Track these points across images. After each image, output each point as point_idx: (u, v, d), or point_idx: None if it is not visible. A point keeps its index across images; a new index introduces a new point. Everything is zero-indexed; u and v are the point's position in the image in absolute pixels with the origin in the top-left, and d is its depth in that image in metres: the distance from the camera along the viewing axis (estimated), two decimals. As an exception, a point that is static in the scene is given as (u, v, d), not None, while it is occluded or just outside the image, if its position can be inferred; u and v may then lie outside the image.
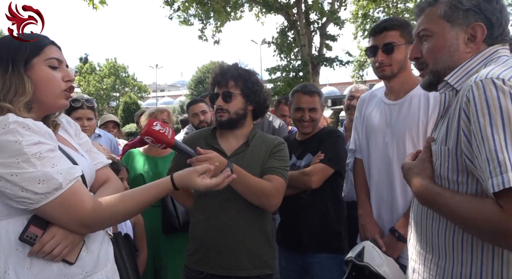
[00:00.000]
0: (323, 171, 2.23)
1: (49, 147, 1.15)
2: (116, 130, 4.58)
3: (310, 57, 13.31)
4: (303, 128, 2.40)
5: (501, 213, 0.88)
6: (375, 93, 2.24)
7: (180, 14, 13.75)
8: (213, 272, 1.85)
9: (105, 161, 1.50)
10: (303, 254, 2.30)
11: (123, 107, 30.14)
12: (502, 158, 0.88)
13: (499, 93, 0.93)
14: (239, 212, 1.86)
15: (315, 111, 2.38)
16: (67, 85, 1.29)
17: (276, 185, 1.85)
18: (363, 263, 1.72)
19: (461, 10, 1.15)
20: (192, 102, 3.69)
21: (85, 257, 1.24)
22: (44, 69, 1.24)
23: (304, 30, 13.23)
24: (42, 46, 1.25)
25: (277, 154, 1.93)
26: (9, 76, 1.18)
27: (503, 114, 0.91)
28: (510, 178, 0.86)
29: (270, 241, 1.96)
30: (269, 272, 1.91)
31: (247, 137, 1.97)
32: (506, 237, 0.88)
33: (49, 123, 1.33)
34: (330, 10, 13.28)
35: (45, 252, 1.14)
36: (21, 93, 1.18)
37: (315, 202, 2.28)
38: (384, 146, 2.01)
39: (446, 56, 1.18)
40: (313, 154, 2.32)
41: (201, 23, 13.99)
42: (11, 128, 1.08)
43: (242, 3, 13.56)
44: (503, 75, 0.96)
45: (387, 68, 2.00)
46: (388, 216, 2.00)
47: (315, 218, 2.27)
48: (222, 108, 1.92)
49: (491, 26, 1.14)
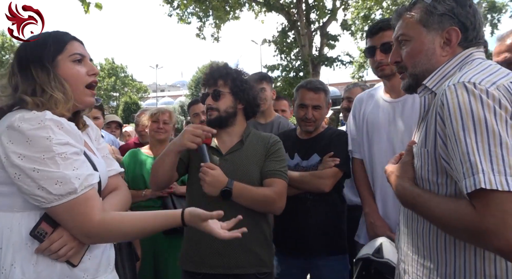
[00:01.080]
0: (337, 175, 2.21)
1: (75, 150, 1.17)
2: (119, 131, 4.57)
3: (310, 57, 13.32)
4: (306, 127, 2.33)
5: (474, 213, 0.91)
6: (372, 93, 2.23)
7: (179, 12, 13.76)
8: (211, 271, 1.85)
9: (118, 169, 1.51)
10: (310, 257, 2.25)
11: (123, 107, 30.17)
12: (473, 160, 0.92)
13: (470, 97, 0.97)
14: (234, 211, 1.85)
15: (320, 109, 2.29)
16: (91, 79, 1.31)
17: (279, 188, 1.86)
18: (384, 260, 1.68)
19: (436, 15, 1.19)
20: (193, 102, 3.69)
21: (87, 260, 1.24)
22: (69, 65, 1.26)
23: (305, 30, 13.25)
24: (64, 43, 1.27)
25: (275, 155, 1.94)
26: (53, 76, 1.21)
27: (474, 117, 0.95)
28: (481, 179, 0.90)
29: (267, 240, 1.96)
30: (266, 271, 1.91)
31: (241, 136, 1.99)
32: (479, 236, 0.91)
33: (79, 122, 1.38)
34: (332, 9, 13.28)
35: (52, 250, 1.15)
36: (59, 91, 1.21)
37: (322, 202, 2.24)
38: (389, 143, 2.02)
39: (424, 60, 1.22)
40: (320, 155, 2.27)
41: (199, 21, 13.98)
42: (46, 124, 1.11)
43: (243, 3, 13.55)
44: (474, 79, 1.01)
45: (386, 67, 2.02)
46: (394, 214, 1.99)
47: (323, 220, 2.23)
48: (211, 107, 1.94)
49: (466, 30, 1.18)
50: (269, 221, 2.01)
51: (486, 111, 0.95)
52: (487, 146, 0.92)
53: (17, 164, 1.08)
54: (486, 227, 0.88)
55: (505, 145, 0.91)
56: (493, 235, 0.88)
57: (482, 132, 0.93)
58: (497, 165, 0.90)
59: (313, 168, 2.27)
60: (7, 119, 1.14)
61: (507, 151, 0.91)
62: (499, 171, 0.89)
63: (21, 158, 1.08)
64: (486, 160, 0.91)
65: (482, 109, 0.95)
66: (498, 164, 0.90)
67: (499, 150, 0.91)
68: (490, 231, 0.88)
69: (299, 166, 2.32)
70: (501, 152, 0.91)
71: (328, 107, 2.39)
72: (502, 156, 0.91)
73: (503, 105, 0.96)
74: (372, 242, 1.83)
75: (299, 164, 2.33)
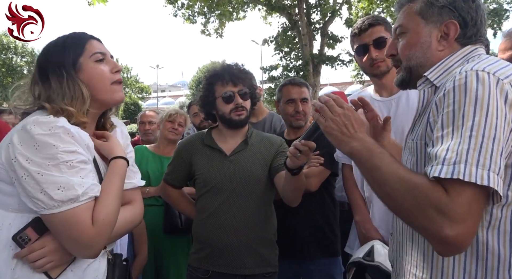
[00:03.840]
0: (322, 174, 2.18)
1: (83, 158, 1.15)
2: None
3: (311, 57, 13.33)
4: (297, 121, 2.30)
5: (444, 196, 0.88)
6: (362, 94, 2.14)
7: (185, 11, 13.76)
8: (219, 270, 1.85)
9: (138, 183, 1.46)
10: (301, 260, 2.21)
11: (123, 107, 30.15)
12: (460, 149, 0.89)
13: (479, 85, 0.93)
14: (240, 211, 1.86)
15: (307, 102, 2.31)
16: (116, 76, 1.29)
17: None
18: (375, 263, 1.62)
19: (436, 7, 1.13)
20: (194, 102, 3.69)
21: (69, 272, 1.18)
22: (92, 65, 1.25)
23: (305, 30, 13.25)
24: (83, 43, 1.26)
25: (284, 152, 1.96)
26: (65, 83, 1.20)
27: (477, 105, 0.91)
28: (460, 170, 0.87)
29: (272, 240, 1.96)
30: (271, 270, 1.92)
31: (245, 136, 1.99)
32: (436, 218, 0.88)
33: (106, 123, 1.38)
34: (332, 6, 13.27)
35: (29, 259, 1.12)
36: (79, 98, 1.21)
37: (311, 204, 2.19)
38: None
39: (418, 53, 1.16)
40: None
41: (204, 18, 13.99)
42: (55, 132, 1.10)
43: (247, 3, 13.56)
44: (489, 68, 0.96)
45: (382, 63, 1.94)
46: (388, 221, 1.94)
47: (312, 221, 2.19)
48: (242, 106, 1.93)
49: (465, 25, 1.12)
50: (274, 222, 2.01)
51: (491, 103, 0.91)
52: (481, 137, 0.89)
53: (24, 166, 1.07)
54: (448, 212, 0.87)
55: (497, 141, 0.90)
56: (448, 222, 0.86)
57: (481, 122, 0.90)
58: (484, 158, 0.88)
59: None
60: (26, 119, 1.15)
61: (498, 147, 0.89)
62: (483, 165, 0.88)
63: (28, 161, 1.08)
64: (475, 150, 0.88)
65: (488, 99, 0.91)
66: (485, 157, 0.88)
67: (490, 144, 0.89)
68: (449, 218, 0.87)
69: None
70: (492, 146, 0.89)
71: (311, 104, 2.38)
72: (492, 151, 0.88)
73: (509, 100, 0.92)
74: (365, 245, 1.79)
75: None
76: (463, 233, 0.87)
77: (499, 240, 0.97)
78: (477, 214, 0.90)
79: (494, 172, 0.88)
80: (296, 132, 2.36)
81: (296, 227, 2.20)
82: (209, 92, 1.98)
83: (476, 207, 0.89)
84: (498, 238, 0.97)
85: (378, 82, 2.04)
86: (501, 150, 0.90)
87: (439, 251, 0.95)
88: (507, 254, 0.96)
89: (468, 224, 0.87)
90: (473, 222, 0.89)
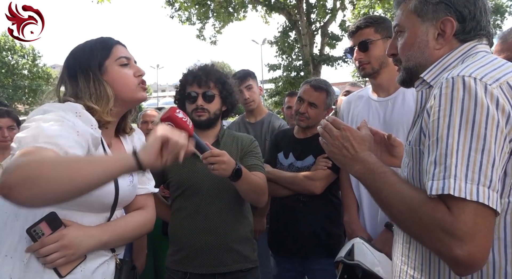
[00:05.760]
0: (329, 177, 2.16)
1: (75, 128, 1.11)
2: None
3: (311, 57, 13.33)
4: (298, 121, 2.29)
5: (448, 214, 0.86)
6: (361, 94, 2.17)
7: (181, 13, 13.78)
8: (196, 271, 1.85)
9: (151, 189, 1.48)
10: (304, 260, 2.21)
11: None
12: (449, 163, 0.86)
13: (465, 95, 0.89)
14: (214, 211, 1.87)
15: (315, 107, 2.25)
16: (139, 79, 1.34)
17: (265, 181, 1.92)
18: (354, 262, 1.61)
19: (431, 4, 1.09)
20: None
21: (79, 272, 1.18)
22: (117, 69, 1.30)
23: (306, 30, 13.25)
24: (110, 48, 1.32)
25: (254, 152, 1.98)
26: (92, 83, 1.25)
27: (463, 118, 0.88)
28: (450, 185, 0.85)
29: (249, 237, 1.96)
30: (251, 266, 1.92)
31: (216, 136, 2.00)
32: (444, 238, 0.85)
33: (126, 126, 1.43)
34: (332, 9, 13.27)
35: (41, 254, 1.11)
36: (104, 97, 1.26)
37: (315, 204, 2.19)
38: None
39: (417, 53, 1.12)
40: (315, 156, 2.22)
41: (200, 23, 14.03)
42: (65, 107, 1.14)
43: (246, 4, 13.56)
44: (476, 73, 0.92)
45: (366, 66, 1.97)
46: (387, 219, 1.94)
47: (316, 221, 2.18)
48: (203, 108, 1.93)
49: (463, 20, 1.07)
50: (250, 219, 2.01)
51: (478, 112, 0.87)
52: (467, 151, 0.86)
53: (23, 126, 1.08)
54: (454, 232, 0.84)
55: (487, 152, 0.86)
56: (457, 242, 0.83)
57: (467, 135, 0.87)
58: (472, 173, 0.85)
59: (307, 169, 2.23)
60: None
61: (488, 159, 0.85)
62: (472, 179, 0.84)
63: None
64: (462, 165, 0.85)
65: (474, 110, 0.87)
66: (474, 171, 0.85)
67: (479, 156, 0.85)
68: (456, 238, 0.83)
69: (293, 166, 2.28)
70: (481, 159, 0.85)
71: (329, 111, 2.34)
72: (481, 164, 0.85)
73: (500, 106, 0.88)
74: (347, 244, 1.79)
75: (293, 164, 2.28)
76: (475, 251, 0.83)
77: (494, 247, 0.94)
78: (486, 229, 0.85)
79: (485, 185, 0.84)
80: (305, 132, 2.33)
81: (299, 226, 2.19)
82: (181, 90, 2.03)
83: (483, 222, 0.85)
84: (492, 245, 0.93)
85: (374, 82, 2.06)
86: (492, 162, 0.86)
87: (455, 271, 0.91)
88: (503, 262, 0.93)
89: (478, 241, 0.84)
90: (484, 238, 0.85)
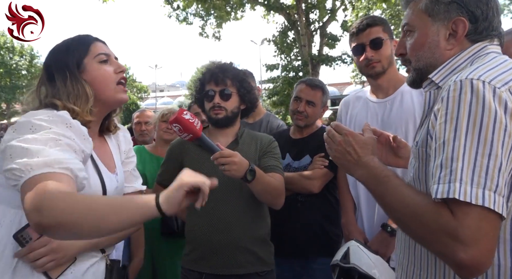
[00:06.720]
0: (326, 176, 2.17)
1: (71, 144, 1.09)
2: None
3: (310, 57, 13.34)
4: (296, 120, 2.29)
5: (451, 218, 0.85)
6: (359, 94, 2.16)
7: (179, 13, 13.78)
8: (212, 272, 1.84)
9: (138, 187, 1.48)
10: (303, 260, 2.21)
11: (122, 107, 30.11)
12: (455, 167, 0.86)
13: (473, 98, 0.88)
14: (231, 210, 1.86)
15: (313, 105, 2.27)
16: (119, 76, 1.31)
17: (282, 183, 1.88)
18: (350, 265, 1.60)
19: (443, 3, 1.07)
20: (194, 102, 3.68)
21: (69, 274, 1.17)
22: (96, 66, 1.27)
23: (304, 30, 13.27)
24: (88, 45, 1.28)
25: (272, 153, 1.95)
26: (69, 82, 1.21)
27: (470, 121, 0.87)
28: (456, 189, 0.84)
29: (265, 239, 1.95)
30: (267, 269, 1.90)
31: (236, 135, 1.99)
32: (448, 242, 0.85)
33: (110, 125, 1.39)
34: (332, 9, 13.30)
35: (30, 258, 1.10)
36: (83, 97, 1.22)
37: (313, 203, 2.20)
38: None
39: (427, 54, 1.11)
40: (311, 156, 2.23)
41: (202, 21, 14.04)
42: (53, 119, 1.10)
43: (244, 3, 13.57)
44: (485, 76, 0.91)
45: (377, 64, 1.94)
46: (384, 219, 1.92)
47: (314, 221, 2.19)
48: (220, 106, 1.92)
49: (475, 20, 1.05)
50: (267, 220, 2.01)
51: (485, 116, 0.87)
52: (474, 155, 0.85)
53: (10, 144, 1.01)
54: (458, 236, 0.84)
55: (493, 157, 0.85)
56: (461, 246, 0.83)
57: (473, 139, 0.86)
58: (478, 177, 0.84)
59: (304, 170, 2.23)
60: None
61: (494, 163, 0.85)
62: (478, 183, 0.84)
63: (17, 139, 1.02)
64: (468, 169, 0.85)
65: (481, 113, 0.87)
66: (480, 175, 0.84)
67: (485, 161, 0.85)
68: (460, 242, 0.83)
69: (290, 167, 2.28)
70: (487, 163, 0.85)
71: (324, 109, 2.37)
72: (487, 168, 0.84)
73: (509, 110, 0.87)
74: (342, 247, 1.77)
75: (290, 164, 2.29)
76: (479, 255, 0.83)
77: (499, 249, 0.93)
78: (491, 233, 0.85)
79: (491, 190, 0.84)
80: (301, 132, 2.34)
81: (298, 226, 2.19)
82: (200, 89, 2.01)
83: (488, 226, 0.84)
84: (498, 247, 0.92)
85: (374, 83, 2.05)
86: (499, 166, 0.85)
87: (459, 275, 0.91)
88: (508, 265, 0.93)
89: (483, 245, 0.83)
90: (488, 242, 0.84)
